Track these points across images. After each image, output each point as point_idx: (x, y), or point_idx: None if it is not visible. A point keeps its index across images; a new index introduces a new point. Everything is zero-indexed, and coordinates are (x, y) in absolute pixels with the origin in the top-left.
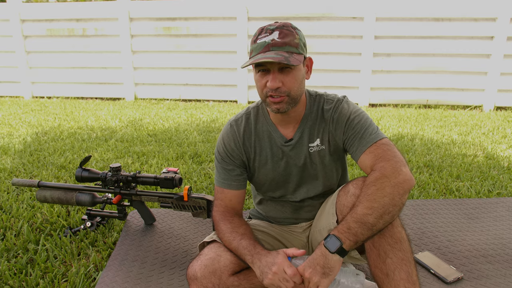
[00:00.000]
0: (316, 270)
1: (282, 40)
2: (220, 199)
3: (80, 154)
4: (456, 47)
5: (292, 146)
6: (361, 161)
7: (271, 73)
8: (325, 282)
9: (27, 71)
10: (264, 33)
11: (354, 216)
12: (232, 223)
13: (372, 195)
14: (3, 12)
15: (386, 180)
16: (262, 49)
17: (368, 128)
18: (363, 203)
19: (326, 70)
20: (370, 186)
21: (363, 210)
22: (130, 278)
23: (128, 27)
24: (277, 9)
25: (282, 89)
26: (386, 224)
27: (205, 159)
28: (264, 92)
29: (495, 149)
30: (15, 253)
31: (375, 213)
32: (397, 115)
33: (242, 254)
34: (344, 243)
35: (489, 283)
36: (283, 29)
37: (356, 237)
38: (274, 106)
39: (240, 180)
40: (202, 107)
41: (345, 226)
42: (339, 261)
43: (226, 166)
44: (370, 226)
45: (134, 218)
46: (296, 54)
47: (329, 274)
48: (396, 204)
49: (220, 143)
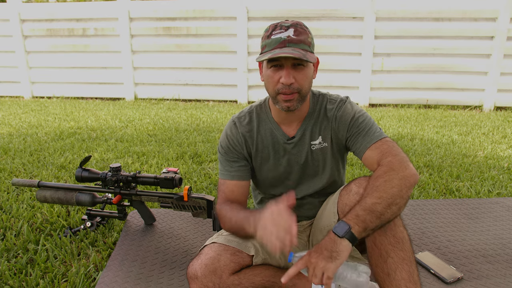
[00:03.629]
0: (322, 254)
1: (297, 38)
2: (222, 191)
3: (80, 154)
4: (456, 47)
5: (294, 144)
6: (366, 157)
7: (284, 69)
8: (332, 266)
9: (27, 71)
10: (279, 29)
11: (363, 205)
12: (231, 206)
13: (380, 186)
14: (3, 12)
15: (394, 173)
16: (278, 44)
17: (372, 127)
18: (372, 193)
19: (326, 70)
20: (378, 179)
21: (371, 199)
22: (130, 278)
23: (128, 27)
24: (277, 9)
25: (295, 85)
26: (393, 216)
27: (205, 159)
28: (276, 89)
29: (495, 149)
30: (15, 253)
31: (384, 202)
32: (397, 115)
33: (242, 225)
34: (353, 228)
35: (489, 283)
36: (298, 27)
37: (365, 224)
38: (284, 104)
39: (244, 171)
40: (202, 107)
41: (353, 214)
42: (347, 247)
43: (230, 158)
44: (378, 215)
45: (134, 218)
46: (310, 52)
47: (336, 258)
48: (403, 196)
49: (223, 137)
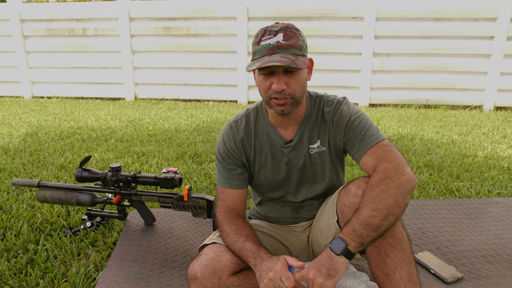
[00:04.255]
0: (320, 272)
1: (287, 43)
2: (223, 200)
3: (80, 154)
4: (456, 47)
5: (292, 148)
6: (363, 163)
7: (276, 75)
8: (330, 284)
9: (27, 71)
10: (268, 34)
11: (359, 218)
12: (235, 225)
13: (376, 197)
14: (3, 12)
15: (390, 181)
16: (267, 51)
17: (369, 130)
18: (368, 205)
19: (326, 70)
20: (374, 188)
21: (368, 212)
22: (130, 278)
23: (128, 27)
24: (277, 9)
25: (287, 91)
26: (391, 225)
27: (205, 159)
28: (268, 95)
29: (495, 149)
30: (15, 253)
31: (380, 215)
32: (397, 115)
33: (246, 256)
34: (350, 245)
35: (489, 283)
36: (287, 31)
37: (361, 238)
38: (278, 108)
39: (242, 179)
40: (202, 107)
41: (350, 229)
42: (344, 263)
43: (227, 166)
44: (375, 228)
45: (134, 218)
46: (301, 56)
47: (334, 276)
48: (400, 205)
49: (220, 143)
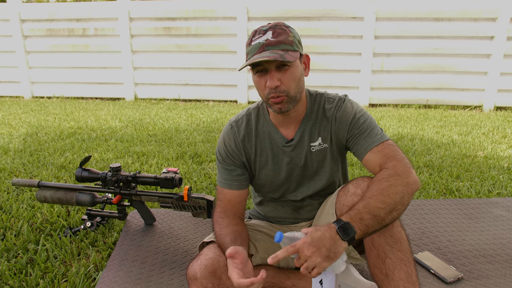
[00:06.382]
0: (320, 251)
1: (276, 39)
2: (220, 200)
3: (80, 154)
4: (456, 47)
5: (293, 147)
6: (367, 159)
7: (269, 72)
8: (326, 265)
9: (27, 71)
10: (258, 34)
11: (368, 207)
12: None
13: (385, 190)
14: (3, 12)
15: (399, 178)
16: (257, 50)
17: (374, 129)
18: (377, 196)
19: (326, 70)
20: (383, 181)
21: (376, 203)
22: (130, 278)
23: (128, 27)
24: (277, 9)
25: (281, 87)
26: (392, 221)
27: (205, 159)
28: (266, 94)
29: (495, 149)
30: (15, 253)
31: (387, 208)
32: (397, 115)
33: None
34: (356, 233)
35: (489, 283)
36: (276, 28)
37: (367, 228)
38: (276, 106)
39: (241, 180)
40: (202, 107)
41: (358, 217)
42: (345, 248)
43: (227, 166)
44: (380, 220)
45: (134, 218)
46: (292, 51)
47: (332, 258)
48: (404, 203)
49: (220, 143)
